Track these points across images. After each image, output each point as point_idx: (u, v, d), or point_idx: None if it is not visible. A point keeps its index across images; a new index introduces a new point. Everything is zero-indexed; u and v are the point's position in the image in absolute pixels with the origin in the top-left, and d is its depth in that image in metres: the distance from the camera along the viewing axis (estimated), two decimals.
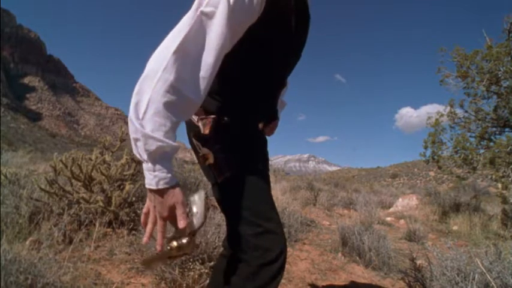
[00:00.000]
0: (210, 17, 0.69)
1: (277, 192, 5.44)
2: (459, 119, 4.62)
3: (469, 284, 1.39)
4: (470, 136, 4.43)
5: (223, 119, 0.87)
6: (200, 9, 0.69)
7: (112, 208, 2.24)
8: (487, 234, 3.88)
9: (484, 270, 1.38)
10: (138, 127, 0.64)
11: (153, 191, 0.68)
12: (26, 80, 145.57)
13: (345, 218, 4.65)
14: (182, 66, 0.67)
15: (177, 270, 1.62)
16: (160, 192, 0.67)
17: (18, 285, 1.21)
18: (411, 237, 3.55)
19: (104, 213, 2.28)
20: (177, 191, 0.68)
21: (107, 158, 2.61)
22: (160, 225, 0.69)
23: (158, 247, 0.69)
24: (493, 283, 1.32)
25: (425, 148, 4.80)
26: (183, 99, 0.67)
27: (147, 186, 0.68)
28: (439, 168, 4.70)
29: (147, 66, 0.68)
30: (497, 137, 4.27)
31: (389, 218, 5.08)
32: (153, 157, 0.65)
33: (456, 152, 4.34)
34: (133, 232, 2.23)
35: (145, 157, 0.66)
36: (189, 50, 0.68)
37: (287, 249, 0.84)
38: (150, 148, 0.64)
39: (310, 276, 2.16)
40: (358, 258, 2.52)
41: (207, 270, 1.65)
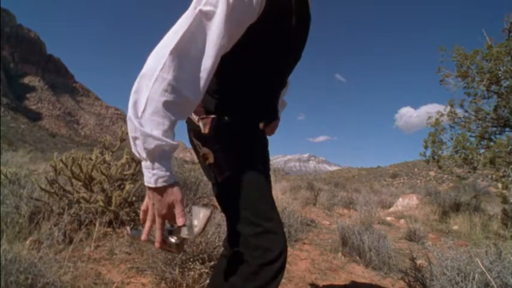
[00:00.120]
0: (209, 16, 0.69)
1: (277, 192, 5.44)
2: (459, 118, 4.62)
3: (469, 284, 1.39)
4: (471, 136, 4.43)
5: (223, 119, 0.87)
6: (198, 7, 0.69)
7: (112, 208, 2.24)
8: (487, 234, 3.88)
9: (484, 270, 1.37)
10: (137, 126, 0.64)
11: (151, 189, 0.68)
12: (26, 80, 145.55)
13: (345, 217, 4.65)
14: (180, 65, 0.67)
15: (177, 270, 1.62)
16: (159, 190, 0.68)
17: (18, 285, 1.21)
18: (411, 237, 3.55)
19: (104, 213, 2.28)
20: (176, 190, 0.69)
21: (107, 157, 2.61)
22: (159, 222, 0.70)
23: (157, 244, 0.70)
24: (493, 283, 1.32)
25: (426, 148, 4.80)
26: (181, 98, 0.68)
27: (146, 184, 0.68)
28: (439, 168, 4.70)
29: (145, 65, 0.68)
30: (498, 136, 4.27)
31: (389, 218, 5.08)
32: (152, 155, 0.66)
33: (456, 152, 4.34)
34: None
35: (144, 155, 0.66)
36: (187, 49, 0.68)
37: (287, 249, 0.84)
38: (149, 147, 0.65)
39: (310, 275, 2.16)
40: (358, 258, 2.52)
41: (207, 270, 1.65)
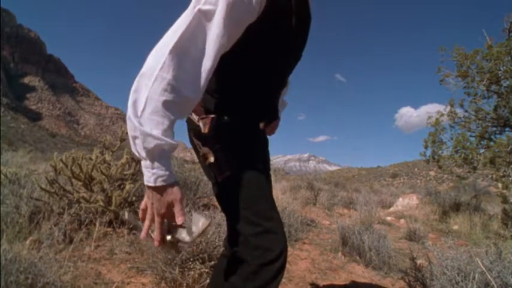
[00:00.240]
0: (209, 15, 0.69)
1: (277, 191, 5.44)
2: (459, 118, 4.62)
3: (469, 284, 1.39)
4: (471, 136, 4.43)
5: (223, 119, 0.87)
6: (198, 7, 0.69)
7: (112, 208, 2.23)
8: (488, 234, 3.88)
9: (484, 270, 1.37)
10: (137, 125, 0.64)
11: (151, 188, 0.68)
12: (26, 80, 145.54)
13: (345, 217, 4.65)
14: (179, 64, 0.67)
15: (177, 270, 1.62)
16: (158, 189, 0.68)
17: (18, 285, 1.21)
18: (411, 236, 3.55)
19: (104, 213, 2.28)
20: (175, 189, 0.69)
21: (107, 157, 2.61)
22: (158, 221, 0.70)
23: (156, 243, 0.70)
24: (493, 282, 1.32)
25: (426, 148, 4.80)
26: (180, 98, 0.68)
27: (146, 183, 0.68)
28: (439, 167, 4.70)
29: (145, 64, 0.68)
30: (498, 136, 4.27)
31: (389, 218, 5.08)
32: (152, 155, 0.66)
33: (456, 152, 4.34)
34: (134, 232, 2.23)
35: (143, 155, 0.66)
36: (186, 48, 0.68)
37: (287, 249, 0.84)
38: (148, 146, 0.65)
39: (310, 275, 2.16)
40: (358, 257, 2.52)
41: (207, 270, 1.65)
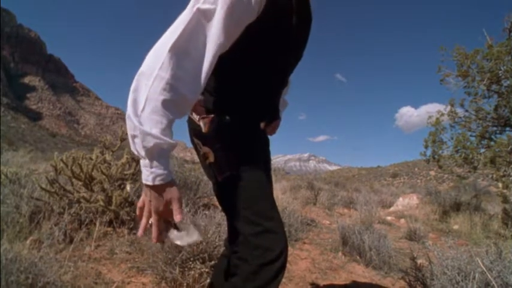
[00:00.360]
0: (208, 15, 0.69)
1: (277, 191, 5.44)
2: (460, 118, 4.61)
3: (469, 283, 1.39)
4: (471, 135, 4.42)
5: (224, 118, 0.87)
6: (197, 6, 0.69)
7: (112, 207, 2.24)
8: (488, 234, 3.88)
9: (484, 270, 1.37)
10: (136, 124, 0.65)
11: (149, 186, 0.69)
12: (26, 80, 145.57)
13: (345, 217, 4.65)
14: (178, 63, 0.67)
15: (177, 270, 1.62)
16: (157, 188, 0.69)
17: (18, 285, 1.21)
18: (412, 236, 3.55)
19: (105, 213, 2.28)
20: (173, 188, 0.70)
21: (108, 157, 2.61)
22: (155, 219, 0.71)
23: (154, 240, 0.72)
24: (493, 282, 1.32)
25: (426, 147, 4.79)
26: (179, 97, 0.68)
27: (144, 182, 0.69)
28: (440, 167, 4.70)
29: (144, 63, 0.68)
30: (498, 136, 4.27)
31: (389, 218, 5.08)
32: (151, 154, 0.66)
33: (457, 151, 4.34)
34: (134, 231, 2.23)
35: (142, 154, 0.67)
36: (185, 48, 0.68)
37: (288, 249, 0.84)
38: (147, 145, 0.65)
39: (310, 275, 2.16)
40: (358, 257, 2.52)
41: (208, 270, 1.65)
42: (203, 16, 0.69)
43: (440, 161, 4.64)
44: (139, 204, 0.74)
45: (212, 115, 0.87)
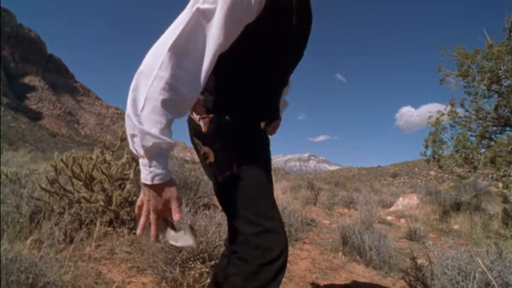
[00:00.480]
0: (208, 14, 0.69)
1: (277, 191, 5.45)
2: (460, 118, 4.61)
3: (469, 283, 1.39)
4: (471, 135, 4.42)
5: (223, 118, 0.87)
6: (196, 5, 0.69)
7: (113, 207, 2.24)
8: (488, 234, 3.88)
9: (484, 269, 1.37)
10: (136, 123, 0.65)
11: (148, 186, 0.69)
12: (26, 80, 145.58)
13: (345, 217, 4.65)
14: (177, 63, 0.67)
15: (177, 269, 1.62)
16: (155, 187, 0.69)
17: (19, 284, 1.21)
18: (412, 236, 3.55)
19: (105, 213, 2.28)
20: (172, 187, 0.70)
21: (108, 157, 2.61)
22: (154, 218, 0.71)
23: (152, 239, 0.72)
24: (493, 282, 1.32)
25: (426, 147, 4.79)
26: (179, 97, 0.68)
27: (143, 181, 0.69)
28: (440, 167, 4.70)
29: (143, 62, 0.68)
30: (498, 136, 4.26)
31: (389, 217, 5.08)
32: (150, 153, 0.66)
33: (457, 151, 4.33)
34: (134, 231, 2.23)
35: (141, 153, 0.67)
36: (184, 47, 0.68)
37: (288, 249, 0.84)
38: (146, 144, 0.65)
39: (310, 275, 2.16)
40: (358, 257, 2.52)
41: (208, 270, 1.65)
42: (203, 16, 0.69)
43: (440, 160, 4.64)
44: (138, 203, 0.75)
45: (211, 115, 0.87)
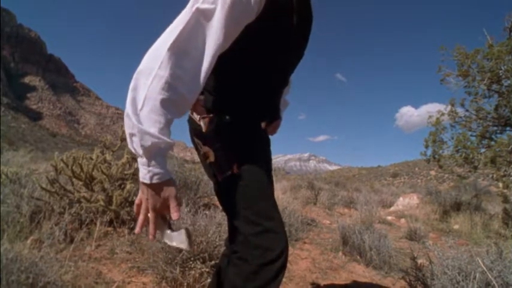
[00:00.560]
0: (207, 14, 0.69)
1: (277, 191, 5.45)
2: (460, 118, 4.61)
3: (470, 283, 1.39)
4: (471, 135, 4.42)
5: (224, 118, 0.87)
6: (196, 5, 0.69)
7: (113, 207, 2.24)
8: (488, 234, 3.88)
9: (485, 269, 1.37)
10: (135, 123, 0.65)
11: (146, 185, 0.69)
12: (26, 80, 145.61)
13: (345, 217, 4.65)
14: (177, 63, 0.67)
15: (178, 269, 1.62)
16: (154, 186, 0.69)
17: (19, 284, 1.21)
18: (412, 236, 3.55)
19: (105, 213, 2.28)
20: (170, 186, 0.70)
21: (108, 157, 2.61)
22: (153, 216, 0.72)
23: (151, 237, 0.72)
24: (494, 282, 1.32)
25: (426, 147, 4.79)
26: (178, 96, 0.68)
27: (141, 180, 0.69)
28: (440, 167, 4.69)
29: (143, 61, 0.68)
30: (498, 136, 4.26)
31: (390, 217, 5.07)
32: (149, 153, 0.67)
33: (457, 151, 4.33)
34: (134, 231, 2.23)
35: (140, 152, 0.67)
36: (184, 47, 0.68)
37: (288, 249, 0.84)
38: (145, 144, 0.65)
39: (310, 275, 2.16)
40: (358, 257, 2.52)
41: (208, 269, 1.65)
42: (202, 16, 0.69)
43: (440, 160, 4.64)
44: (136, 201, 0.75)
45: (212, 115, 0.87)
